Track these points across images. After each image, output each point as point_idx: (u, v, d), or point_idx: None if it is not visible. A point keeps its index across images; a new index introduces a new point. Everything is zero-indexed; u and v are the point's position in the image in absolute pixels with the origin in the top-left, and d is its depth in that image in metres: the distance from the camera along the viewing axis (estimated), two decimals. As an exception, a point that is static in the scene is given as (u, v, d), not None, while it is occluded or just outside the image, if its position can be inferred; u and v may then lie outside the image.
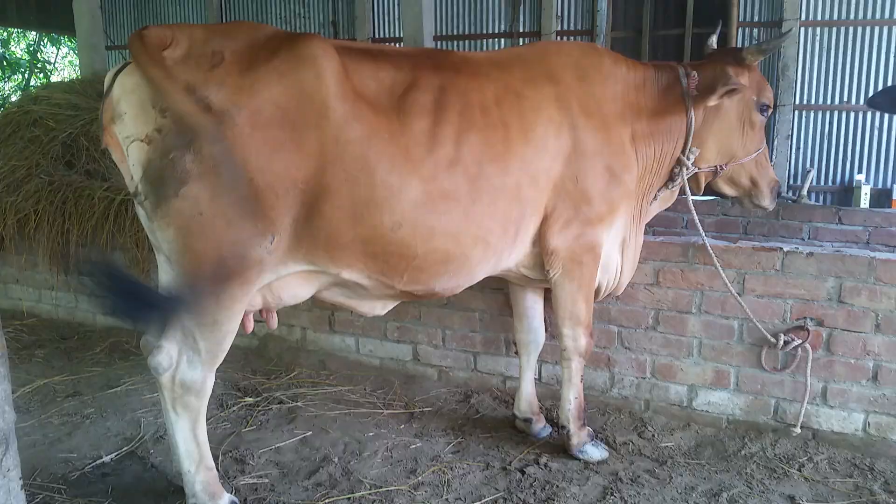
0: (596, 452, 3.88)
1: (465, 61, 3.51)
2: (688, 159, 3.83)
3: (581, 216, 3.59)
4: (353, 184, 3.00)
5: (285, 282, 3.21)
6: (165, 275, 3.22)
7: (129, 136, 2.85)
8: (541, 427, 4.21)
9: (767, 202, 4.08)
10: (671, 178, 3.93)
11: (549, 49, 3.77)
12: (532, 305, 4.17)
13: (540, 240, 3.63)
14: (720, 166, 3.93)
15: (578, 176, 3.55)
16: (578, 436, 3.90)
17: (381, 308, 3.66)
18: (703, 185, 4.04)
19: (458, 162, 3.22)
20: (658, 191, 4.01)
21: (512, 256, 3.63)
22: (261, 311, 3.41)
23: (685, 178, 3.88)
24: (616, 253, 3.88)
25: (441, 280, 3.42)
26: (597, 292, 3.96)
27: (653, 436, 4.15)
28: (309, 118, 2.92)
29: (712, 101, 3.69)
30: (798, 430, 3.99)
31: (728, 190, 4.09)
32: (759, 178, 4.02)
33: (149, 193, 2.88)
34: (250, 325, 3.41)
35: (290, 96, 2.90)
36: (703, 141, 3.85)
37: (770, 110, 3.96)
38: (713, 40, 4.17)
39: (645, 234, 4.19)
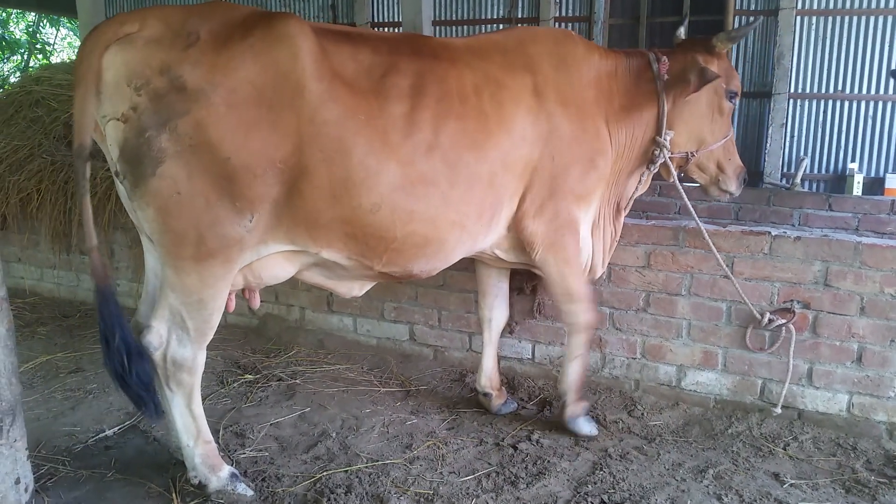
0: (586, 427, 3.98)
1: (444, 47, 3.54)
2: (665, 139, 3.89)
3: (557, 201, 3.66)
4: (330, 164, 3.03)
5: (266, 262, 3.25)
6: (150, 255, 3.29)
7: (105, 115, 2.88)
8: (500, 403, 4.30)
9: (734, 187, 4.15)
10: (652, 160, 3.98)
11: (524, 37, 3.79)
12: (497, 283, 4.27)
13: (516, 224, 3.70)
14: (691, 153, 4.00)
15: (556, 161, 3.62)
16: (574, 406, 4.00)
17: (358, 289, 3.71)
18: (673, 171, 4.06)
19: (436, 147, 3.26)
20: (641, 175, 4.09)
21: (487, 239, 3.70)
22: (243, 290, 3.45)
23: (667, 157, 3.92)
24: (589, 236, 3.96)
25: (419, 262, 3.48)
26: None
27: (642, 414, 4.25)
28: (284, 97, 2.94)
29: (690, 92, 3.77)
30: (779, 409, 4.08)
31: (697, 175, 4.15)
32: (727, 165, 4.10)
33: (127, 173, 2.90)
34: (232, 305, 3.45)
35: (265, 75, 2.91)
36: (673, 126, 3.91)
37: (738, 98, 4.04)
38: (681, 31, 4.22)
39: (637, 217, 4.26)
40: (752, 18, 9.30)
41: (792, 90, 9.90)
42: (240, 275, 3.23)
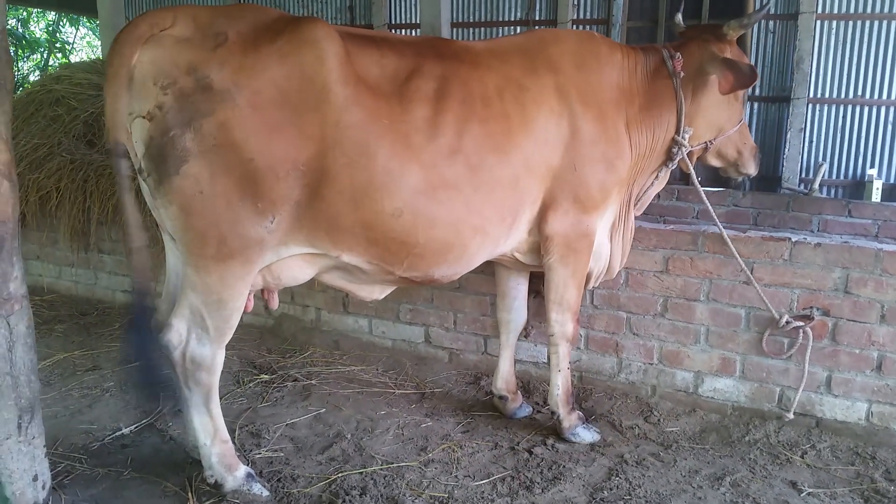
0: (588, 435, 3.97)
1: (466, 50, 3.53)
2: (683, 139, 3.89)
3: (578, 203, 3.64)
4: (353, 168, 3.04)
5: (286, 263, 3.26)
6: (171, 254, 3.30)
7: (131, 112, 2.89)
8: (516, 407, 4.29)
9: (752, 168, 4.23)
10: (670, 157, 3.98)
11: (546, 38, 3.78)
12: (516, 286, 4.24)
13: (538, 226, 3.69)
14: (710, 141, 4.02)
15: (576, 164, 3.60)
16: (569, 419, 3.99)
17: (378, 293, 3.71)
18: (693, 162, 4.09)
19: (459, 151, 3.25)
20: (658, 172, 4.08)
21: (508, 243, 3.69)
22: (262, 291, 3.46)
23: (685, 155, 3.94)
24: (607, 239, 3.95)
25: (441, 268, 3.47)
26: (588, 278, 4.02)
27: (658, 420, 4.23)
28: (310, 101, 2.95)
29: (727, 91, 3.71)
30: (790, 415, 4.05)
31: (715, 162, 4.20)
32: (743, 148, 4.16)
33: (151, 170, 2.92)
34: (250, 305, 3.44)
35: (291, 78, 2.92)
36: (692, 120, 3.91)
37: None
38: (679, 18, 4.25)
39: (655, 222, 4.25)
40: (773, 23, 9.26)
41: (811, 95, 9.84)
42: (259, 275, 3.24)
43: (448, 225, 3.30)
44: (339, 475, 3.56)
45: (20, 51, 20.73)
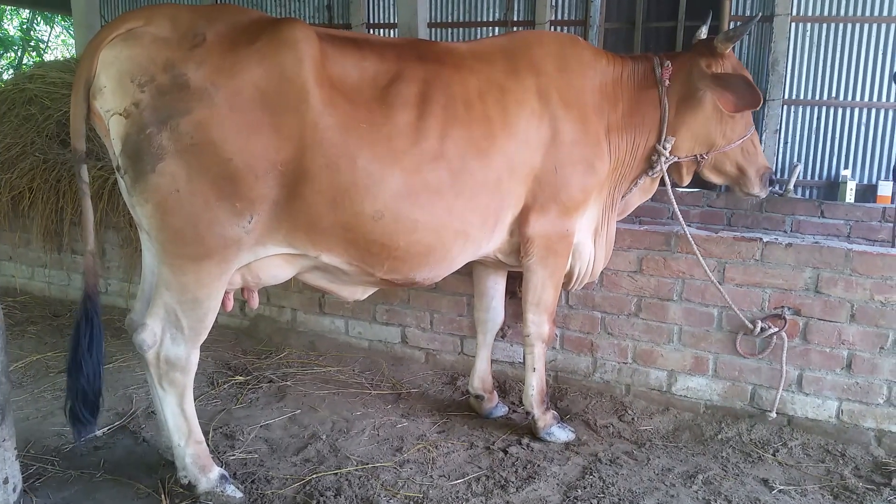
0: (563, 434, 3.99)
1: (448, 53, 3.53)
2: (664, 148, 3.88)
3: (558, 205, 3.66)
4: (332, 170, 3.04)
5: (264, 263, 3.26)
6: (148, 252, 3.28)
7: (108, 109, 2.89)
8: (492, 407, 4.30)
9: (757, 189, 4.06)
10: (651, 166, 3.97)
11: (529, 39, 3.79)
12: (493, 285, 4.25)
13: (518, 227, 3.70)
14: (700, 155, 3.95)
15: (557, 166, 3.61)
16: (543, 419, 4.00)
17: (360, 293, 3.72)
18: (685, 174, 4.07)
19: (441, 156, 3.27)
20: (638, 179, 4.04)
21: (490, 245, 3.70)
22: (242, 290, 3.45)
23: (664, 166, 3.92)
24: (589, 240, 3.96)
25: (422, 271, 3.49)
26: (570, 279, 4.04)
27: (632, 419, 4.26)
28: (288, 101, 2.95)
29: (733, 110, 3.71)
30: (774, 414, 4.09)
31: (715, 178, 4.09)
32: (746, 166, 4.00)
33: (127, 168, 2.92)
34: (230, 304, 3.44)
35: (270, 79, 2.93)
36: (676, 130, 3.87)
37: None
38: (703, 31, 4.17)
39: (630, 223, 4.27)
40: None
41: (786, 96, 9.94)
42: (238, 274, 3.24)
43: (430, 229, 3.31)
44: (314, 476, 3.55)
45: (-6, 49, 20.53)
